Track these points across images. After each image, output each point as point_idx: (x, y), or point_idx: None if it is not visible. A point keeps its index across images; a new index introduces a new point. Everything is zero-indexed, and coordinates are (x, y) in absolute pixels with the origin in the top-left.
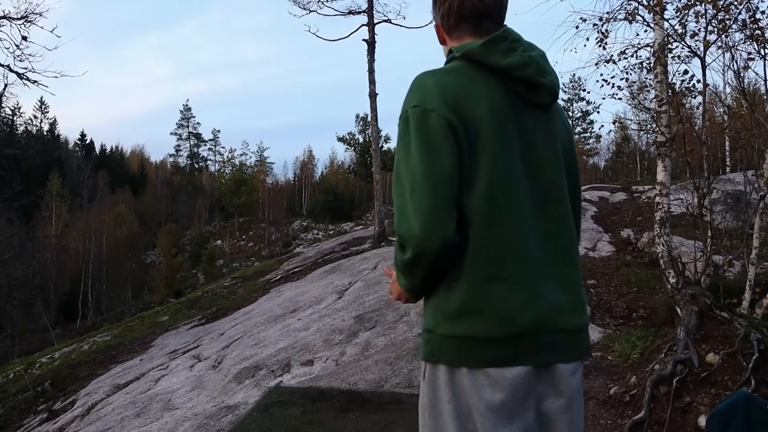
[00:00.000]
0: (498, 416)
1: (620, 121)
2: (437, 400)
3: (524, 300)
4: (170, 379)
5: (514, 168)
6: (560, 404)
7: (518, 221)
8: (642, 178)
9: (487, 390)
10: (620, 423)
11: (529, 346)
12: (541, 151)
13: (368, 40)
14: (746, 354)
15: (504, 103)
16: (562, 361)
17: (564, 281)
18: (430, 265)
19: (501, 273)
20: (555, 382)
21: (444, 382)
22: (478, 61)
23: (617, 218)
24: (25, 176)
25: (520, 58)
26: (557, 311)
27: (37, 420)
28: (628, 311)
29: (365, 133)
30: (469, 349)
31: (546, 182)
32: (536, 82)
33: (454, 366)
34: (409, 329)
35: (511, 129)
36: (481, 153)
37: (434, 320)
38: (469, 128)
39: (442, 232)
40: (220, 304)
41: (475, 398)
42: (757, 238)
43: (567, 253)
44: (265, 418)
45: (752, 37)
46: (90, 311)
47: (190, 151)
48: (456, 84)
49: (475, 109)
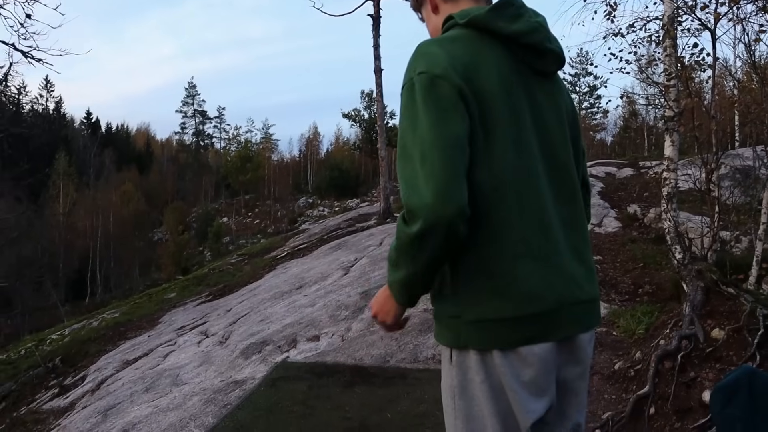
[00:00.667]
0: (528, 391)
1: (628, 96)
2: (468, 382)
3: (548, 276)
4: (178, 354)
5: (528, 140)
6: (578, 372)
7: (536, 196)
8: (649, 154)
9: (519, 367)
10: (624, 398)
11: (554, 321)
12: (549, 120)
13: (373, 15)
14: (752, 329)
15: (512, 72)
16: (582, 331)
17: (577, 252)
18: (442, 239)
19: (524, 250)
20: (574, 351)
21: (475, 363)
22: (484, 28)
23: (624, 194)
24: (32, 155)
25: (528, 24)
26: (576, 283)
27: (49, 395)
28: (633, 287)
29: (370, 109)
30: (499, 332)
31: (554, 152)
32: (544, 49)
33: (485, 349)
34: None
35: (522, 98)
36: (496, 125)
37: (453, 303)
38: (481, 99)
39: (457, 200)
40: (227, 281)
41: (507, 376)
42: (765, 214)
43: (578, 223)
44: (272, 393)
45: (764, 9)
46: (98, 288)
47: (195, 129)
48: (464, 52)
49: (485, 80)
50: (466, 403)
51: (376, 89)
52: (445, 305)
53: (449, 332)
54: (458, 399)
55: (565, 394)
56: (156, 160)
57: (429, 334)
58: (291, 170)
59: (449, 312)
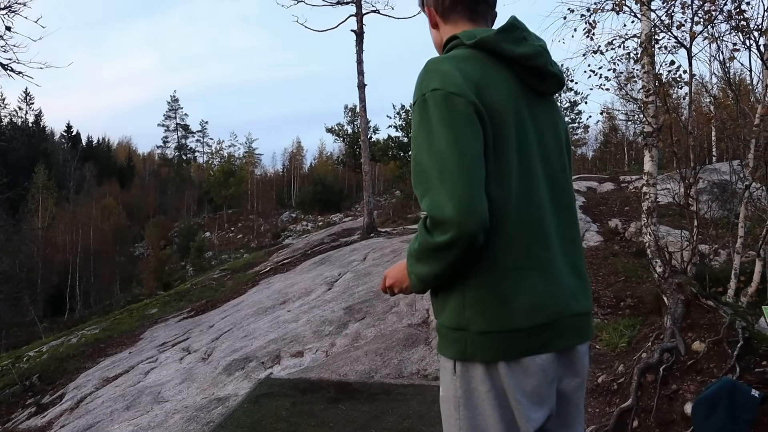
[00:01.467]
0: (530, 401)
1: (608, 112)
2: (472, 392)
3: (550, 288)
4: (160, 371)
5: (532, 158)
6: (576, 383)
7: (539, 211)
8: (629, 168)
9: (522, 378)
10: (608, 411)
11: (555, 332)
12: (548, 139)
13: (356, 30)
14: (731, 341)
15: (517, 92)
16: (579, 342)
17: (574, 266)
18: (464, 250)
19: (528, 263)
20: (572, 362)
21: (481, 374)
22: (492, 50)
23: (605, 208)
24: (11, 168)
25: (532, 47)
26: (573, 296)
27: (26, 414)
28: (615, 300)
29: (354, 123)
30: (504, 343)
31: (553, 171)
32: (547, 72)
33: (491, 361)
34: (399, 320)
35: (526, 118)
36: (504, 143)
37: (460, 316)
38: (492, 117)
39: (481, 214)
40: (210, 297)
41: (511, 386)
42: (743, 228)
43: (574, 238)
44: (255, 410)
45: (737, 28)
46: (78, 304)
47: (177, 143)
48: (474, 71)
49: (496, 98)
50: (470, 412)
51: (360, 104)
52: (451, 318)
53: (456, 345)
54: (462, 409)
55: (566, 405)
56: (138, 174)
57: (413, 349)
58: (274, 185)
59: (455, 324)
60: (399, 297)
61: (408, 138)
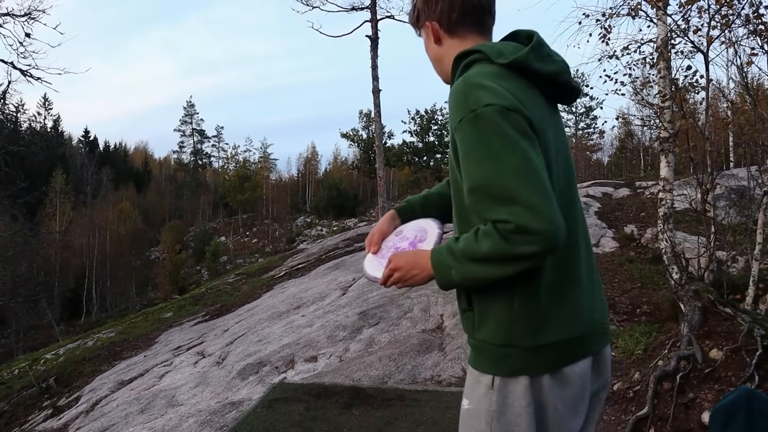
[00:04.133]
0: (569, 410)
1: (623, 117)
2: (508, 406)
3: (581, 296)
4: (174, 375)
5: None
6: (600, 384)
7: (575, 222)
8: (645, 174)
9: (563, 388)
10: (624, 419)
11: (590, 339)
12: (566, 151)
13: (371, 36)
14: (750, 350)
15: (546, 107)
16: (605, 344)
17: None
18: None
19: (567, 276)
20: (600, 365)
21: (523, 388)
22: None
23: (621, 214)
24: (29, 173)
25: (559, 65)
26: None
27: (42, 416)
28: (631, 307)
29: (369, 129)
30: (551, 356)
31: (571, 180)
32: (571, 87)
33: (538, 374)
34: (413, 326)
35: (552, 132)
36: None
37: (508, 332)
38: (538, 129)
39: (564, 229)
40: (224, 301)
41: (551, 397)
42: (761, 234)
43: (588, 241)
44: (268, 414)
45: (755, 33)
46: (94, 308)
47: (193, 148)
48: (516, 89)
49: (535, 112)
50: (504, 427)
51: (375, 109)
52: (497, 334)
53: (502, 361)
54: (495, 423)
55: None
56: (154, 179)
57: (427, 355)
58: (289, 189)
59: (502, 341)
60: (413, 303)
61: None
